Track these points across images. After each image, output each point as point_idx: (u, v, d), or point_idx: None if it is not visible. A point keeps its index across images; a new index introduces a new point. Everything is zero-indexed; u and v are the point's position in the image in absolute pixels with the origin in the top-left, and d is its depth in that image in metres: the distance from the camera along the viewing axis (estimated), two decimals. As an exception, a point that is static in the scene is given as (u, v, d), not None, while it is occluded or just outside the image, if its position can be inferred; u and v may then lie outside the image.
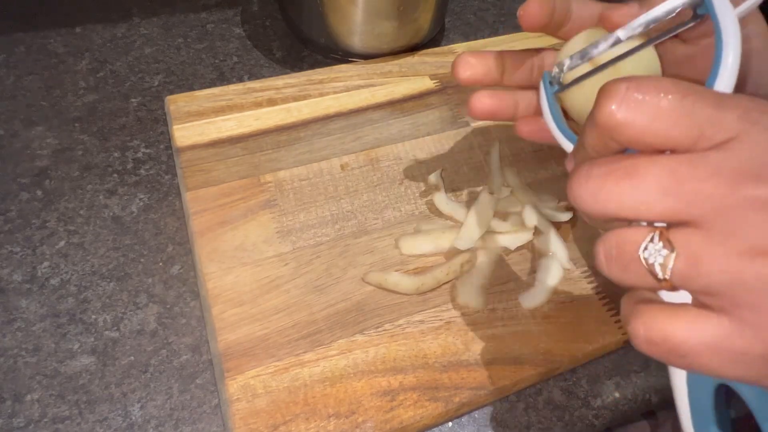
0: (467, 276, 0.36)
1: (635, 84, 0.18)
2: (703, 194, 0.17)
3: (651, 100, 0.18)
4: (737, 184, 0.17)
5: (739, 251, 0.17)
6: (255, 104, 0.44)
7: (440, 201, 0.40)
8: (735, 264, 0.17)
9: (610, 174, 0.18)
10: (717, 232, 0.17)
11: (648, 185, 0.18)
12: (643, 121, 0.18)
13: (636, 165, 0.18)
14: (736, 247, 0.17)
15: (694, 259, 0.17)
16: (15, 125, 0.43)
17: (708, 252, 0.17)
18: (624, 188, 0.18)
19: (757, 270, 0.16)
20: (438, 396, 0.31)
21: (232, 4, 0.55)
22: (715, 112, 0.17)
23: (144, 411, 0.31)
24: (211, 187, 0.38)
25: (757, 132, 0.17)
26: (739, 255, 0.17)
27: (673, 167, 0.18)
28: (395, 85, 0.47)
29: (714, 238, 0.17)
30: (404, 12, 0.47)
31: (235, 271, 0.35)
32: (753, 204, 0.17)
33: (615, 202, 0.18)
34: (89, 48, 0.49)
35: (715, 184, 0.17)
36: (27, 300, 0.34)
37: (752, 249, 0.17)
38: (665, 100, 0.18)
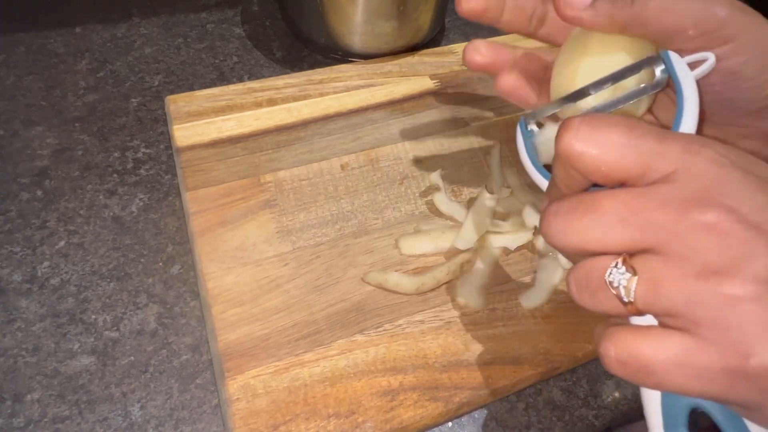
0: (467, 276, 0.36)
1: (587, 119, 0.20)
2: (656, 223, 0.19)
3: (601, 133, 0.20)
4: (684, 212, 0.18)
5: (694, 273, 0.18)
6: (255, 104, 0.44)
7: (440, 201, 0.40)
8: (691, 285, 0.18)
9: (573, 210, 0.20)
10: (672, 256, 0.18)
11: (607, 218, 0.19)
12: (595, 152, 0.20)
13: (596, 200, 0.20)
14: (690, 269, 0.18)
15: (654, 282, 0.19)
16: (15, 125, 0.43)
17: (666, 275, 0.18)
18: (587, 223, 0.20)
19: (711, 289, 0.18)
20: (438, 396, 0.31)
21: (232, 4, 0.55)
22: (658, 145, 0.19)
23: (144, 411, 0.31)
24: (211, 187, 0.38)
25: (698, 163, 0.19)
26: (694, 276, 0.18)
27: (628, 200, 0.19)
28: (395, 85, 0.47)
29: (670, 262, 0.18)
30: (404, 12, 0.47)
31: (235, 271, 0.35)
32: (700, 228, 0.18)
33: (580, 236, 0.20)
34: (89, 48, 0.49)
35: (665, 213, 0.19)
36: (27, 300, 0.34)
37: (704, 270, 0.18)
38: (613, 133, 0.20)
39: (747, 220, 0.18)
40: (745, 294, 0.17)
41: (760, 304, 0.17)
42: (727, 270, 0.18)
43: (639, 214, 0.19)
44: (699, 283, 0.18)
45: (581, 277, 0.20)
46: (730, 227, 0.18)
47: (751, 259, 0.17)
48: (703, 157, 0.19)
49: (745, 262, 0.17)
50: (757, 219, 0.18)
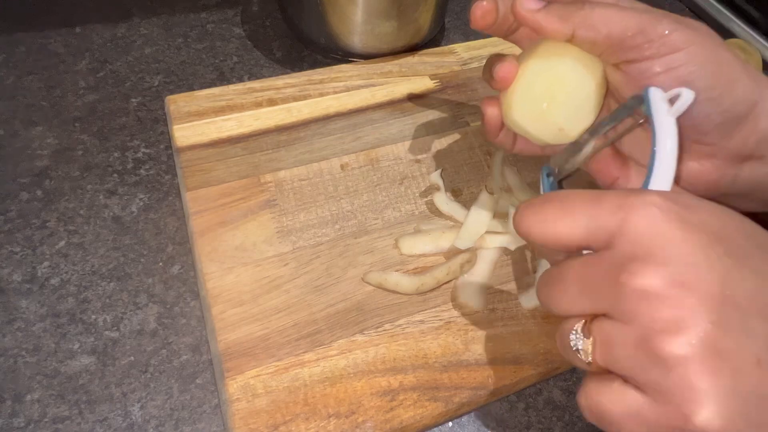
0: (467, 276, 0.36)
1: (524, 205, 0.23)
2: (602, 291, 0.20)
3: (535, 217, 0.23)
4: (620, 280, 0.19)
5: (636, 337, 0.19)
6: (255, 104, 0.44)
7: (440, 201, 0.40)
8: (633, 348, 0.19)
9: (548, 282, 0.23)
10: (620, 321, 0.20)
11: (569, 289, 0.22)
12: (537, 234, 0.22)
13: (560, 272, 0.22)
14: (633, 333, 0.19)
15: (607, 345, 0.20)
16: (15, 125, 0.43)
17: (615, 338, 0.20)
18: (557, 293, 0.22)
19: (650, 353, 0.19)
20: (438, 396, 0.31)
21: (232, 4, 0.55)
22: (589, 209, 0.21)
23: (144, 411, 0.31)
24: (211, 187, 0.38)
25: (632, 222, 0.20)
26: (636, 341, 0.19)
27: (580, 270, 0.21)
28: (395, 85, 0.47)
29: (619, 326, 0.20)
30: (404, 12, 0.47)
31: (235, 271, 0.35)
32: (635, 294, 0.19)
33: (555, 305, 0.22)
34: (89, 48, 0.49)
35: (606, 282, 0.20)
36: (27, 300, 0.34)
37: (644, 335, 0.19)
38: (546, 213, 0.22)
39: (677, 281, 0.19)
40: (678, 357, 0.18)
41: (693, 366, 0.18)
42: (662, 333, 0.18)
43: (589, 284, 0.21)
44: (640, 346, 0.19)
45: (558, 337, 0.23)
46: (660, 290, 0.19)
47: (682, 321, 0.18)
48: (636, 215, 0.20)
49: (677, 326, 0.18)
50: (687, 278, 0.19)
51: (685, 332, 0.18)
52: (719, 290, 0.19)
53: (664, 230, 0.20)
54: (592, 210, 0.21)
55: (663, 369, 0.18)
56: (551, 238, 0.22)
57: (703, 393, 0.18)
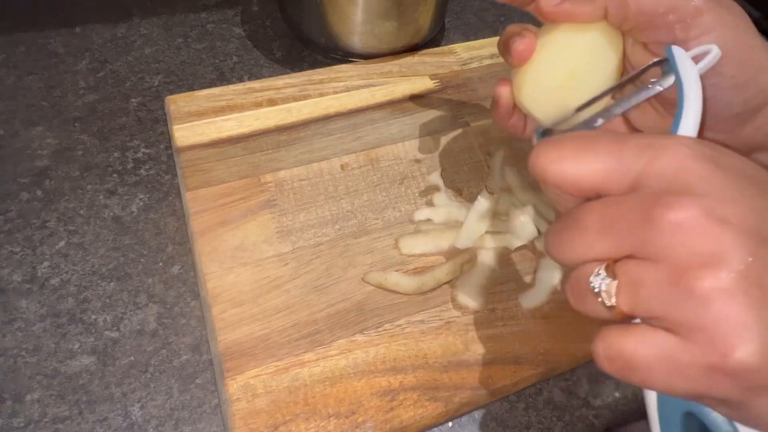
0: (467, 276, 0.36)
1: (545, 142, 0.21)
2: (629, 230, 0.19)
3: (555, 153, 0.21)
4: (651, 214, 0.19)
5: (668, 274, 0.18)
6: (255, 104, 0.44)
7: (440, 201, 0.40)
8: (667, 286, 0.18)
9: (562, 229, 0.21)
10: (649, 259, 0.19)
11: (588, 232, 0.20)
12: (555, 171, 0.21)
13: (577, 216, 0.21)
14: (665, 270, 0.18)
15: (634, 286, 0.19)
16: (15, 125, 0.43)
17: (644, 278, 0.19)
18: (573, 238, 0.21)
19: (685, 289, 0.18)
20: (438, 396, 0.31)
21: (232, 4, 0.55)
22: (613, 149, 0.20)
23: (144, 411, 0.31)
24: (211, 187, 0.38)
25: (660, 161, 0.19)
26: (669, 277, 0.18)
27: (601, 211, 0.20)
28: (395, 85, 0.47)
29: (647, 265, 0.19)
30: (404, 12, 0.47)
31: (235, 271, 0.35)
32: (669, 228, 0.18)
33: (570, 252, 0.21)
34: (89, 48, 0.49)
35: (634, 219, 0.19)
36: (27, 300, 0.34)
37: (678, 270, 0.18)
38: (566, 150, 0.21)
39: (714, 214, 0.18)
40: (718, 291, 0.17)
41: (734, 300, 0.17)
42: (699, 268, 0.18)
43: (613, 224, 0.19)
44: (674, 283, 0.18)
45: (572, 283, 0.21)
46: (697, 223, 0.18)
47: (721, 254, 0.17)
48: (665, 154, 0.19)
49: (716, 259, 0.17)
50: (724, 212, 0.18)
51: (725, 266, 0.17)
52: (758, 226, 0.18)
53: (698, 168, 0.19)
54: (617, 149, 0.20)
55: (701, 305, 0.17)
56: (569, 178, 0.21)
57: (745, 327, 0.17)
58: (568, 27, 0.28)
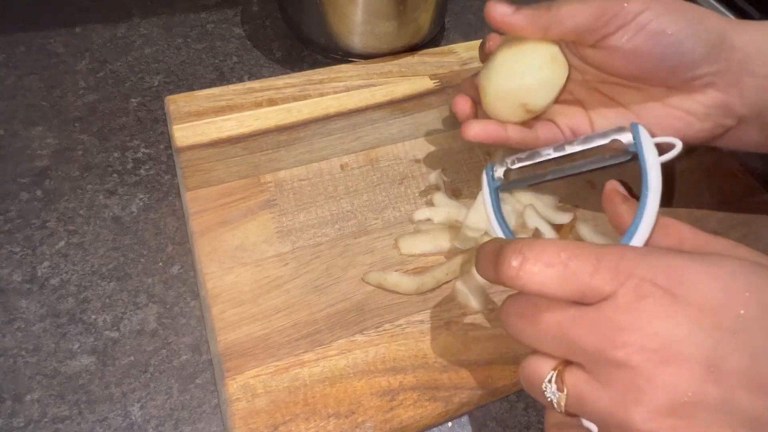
0: (467, 276, 0.36)
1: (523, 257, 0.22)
2: (581, 348, 0.21)
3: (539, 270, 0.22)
4: (602, 345, 0.21)
5: (608, 398, 0.21)
6: (255, 104, 0.44)
7: (440, 201, 0.40)
8: (606, 408, 0.21)
9: (521, 317, 0.24)
10: (595, 378, 0.21)
11: (544, 334, 0.23)
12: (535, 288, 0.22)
13: (538, 313, 0.23)
14: (605, 393, 0.21)
15: (580, 399, 0.22)
16: (15, 125, 0.43)
17: (588, 395, 0.21)
18: (530, 331, 0.23)
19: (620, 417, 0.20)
20: (438, 396, 0.31)
21: (232, 4, 0.55)
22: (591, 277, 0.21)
23: (144, 411, 0.31)
24: (211, 187, 0.38)
25: (624, 292, 0.21)
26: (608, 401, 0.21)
27: (561, 321, 0.22)
28: (395, 85, 0.47)
29: (593, 384, 0.21)
30: (404, 12, 0.47)
31: (235, 271, 0.35)
32: (613, 363, 0.20)
33: (524, 339, 0.24)
34: (89, 48, 0.49)
35: (589, 342, 0.21)
36: (27, 300, 0.34)
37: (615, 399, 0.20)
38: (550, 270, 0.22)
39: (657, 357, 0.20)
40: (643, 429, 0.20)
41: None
42: (632, 403, 0.20)
43: (568, 337, 0.22)
44: (612, 409, 0.20)
45: (527, 375, 0.24)
46: (636, 365, 0.20)
47: (654, 393, 0.20)
48: (628, 286, 0.21)
49: (647, 397, 0.20)
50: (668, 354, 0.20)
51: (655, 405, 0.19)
52: (703, 364, 0.19)
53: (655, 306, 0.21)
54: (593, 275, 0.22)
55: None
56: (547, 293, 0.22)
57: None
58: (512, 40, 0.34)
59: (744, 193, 0.43)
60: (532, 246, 0.22)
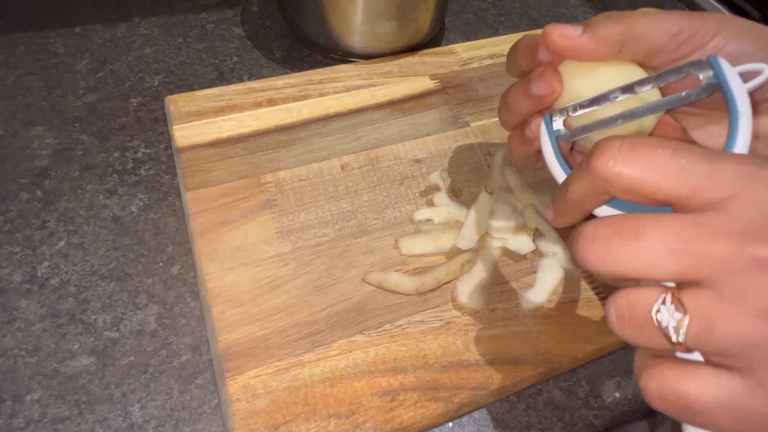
0: (467, 276, 0.36)
1: (629, 141, 0.19)
2: (711, 256, 0.17)
3: (644, 154, 0.19)
4: (743, 246, 0.17)
5: (753, 312, 0.17)
6: (255, 104, 0.44)
7: (440, 201, 0.40)
8: (749, 326, 0.17)
9: (615, 235, 0.19)
10: (728, 293, 0.17)
11: (655, 246, 0.18)
12: (638, 173, 0.19)
13: (641, 226, 0.18)
14: (749, 308, 0.17)
15: (708, 322, 0.17)
16: (15, 125, 0.43)
17: (721, 314, 0.17)
18: (631, 249, 0.18)
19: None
20: (438, 396, 0.31)
21: (232, 4, 0.55)
22: (707, 168, 0.18)
23: (144, 411, 0.31)
24: (211, 187, 0.38)
25: (756, 189, 0.18)
26: (753, 316, 0.17)
27: (678, 228, 0.18)
28: (395, 85, 0.47)
29: (726, 299, 0.17)
30: (404, 12, 0.47)
31: (235, 271, 0.35)
32: (761, 265, 0.17)
33: (623, 264, 0.18)
34: (89, 48, 0.49)
35: (722, 246, 0.17)
36: (27, 300, 0.34)
37: (764, 311, 0.17)
38: (658, 154, 0.19)
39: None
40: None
41: None
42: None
43: (692, 245, 0.18)
44: (758, 324, 0.17)
45: (623, 310, 0.19)
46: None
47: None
48: (761, 182, 0.18)
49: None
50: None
51: None
52: None
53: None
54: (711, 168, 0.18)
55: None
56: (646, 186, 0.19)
57: None
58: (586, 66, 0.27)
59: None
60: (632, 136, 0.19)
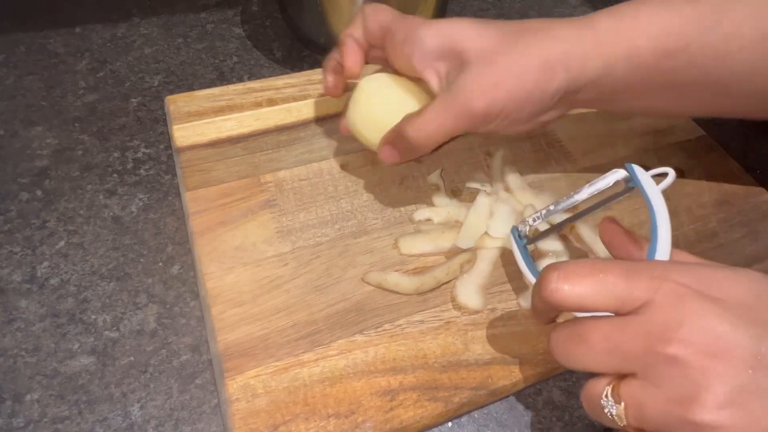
0: (467, 276, 0.36)
1: (563, 272, 0.24)
2: (631, 354, 0.22)
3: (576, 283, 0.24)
4: (652, 345, 0.22)
5: (665, 399, 0.21)
6: (255, 104, 0.44)
7: (440, 201, 0.40)
8: (665, 410, 0.21)
9: (569, 340, 0.25)
10: (649, 383, 0.22)
11: (595, 349, 0.23)
12: (574, 301, 0.24)
13: (585, 332, 0.24)
14: (663, 395, 0.21)
15: (638, 407, 0.22)
16: (15, 125, 0.43)
17: (646, 400, 0.22)
18: (580, 352, 0.24)
19: (680, 416, 0.21)
20: (438, 396, 0.31)
21: (232, 4, 0.55)
22: (626, 285, 0.23)
23: (144, 411, 0.31)
24: (211, 187, 0.38)
25: (663, 296, 0.22)
26: (666, 402, 0.21)
27: (608, 332, 0.23)
28: (395, 85, 0.47)
29: (648, 388, 0.22)
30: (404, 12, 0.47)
31: (235, 271, 0.35)
32: (665, 360, 0.21)
33: (578, 363, 0.24)
34: (89, 48, 0.49)
35: (636, 346, 0.22)
36: (27, 300, 0.34)
37: (673, 398, 0.21)
38: (587, 282, 0.24)
39: (704, 350, 0.21)
40: (706, 421, 0.20)
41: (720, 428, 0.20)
42: (691, 398, 0.21)
43: (618, 347, 0.23)
44: (671, 408, 0.21)
45: (587, 400, 0.25)
46: (690, 359, 0.21)
47: (710, 387, 0.20)
48: (665, 291, 0.22)
49: (705, 391, 0.20)
50: (715, 347, 0.21)
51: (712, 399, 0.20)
52: (748, 354, 0.21)
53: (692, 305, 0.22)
54: (627, 285, 0.23)
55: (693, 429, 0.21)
56: (583, 306, 0.24)
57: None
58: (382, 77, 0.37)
59: (744, 193, 0.43)
60: (566, 263, 0.25)
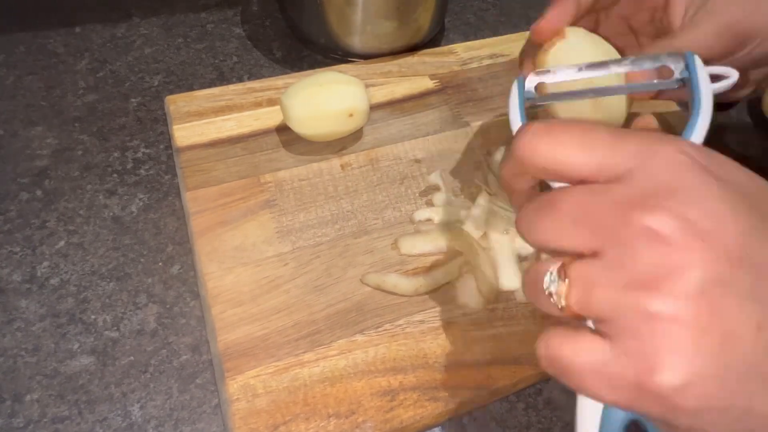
0: (467, 276, 0.36)
1: (546, 124, 0.21)
2: (603, 224, 0.18)
3: (555, 134, 0.20)
4: (630, 213, 0.18)
5: (624, 282, 0.17)
6: (255, 104, 0.44)
7: (440, 201, 0.40)
8: (619, 294, 0.18)
9: (537, 209, 0.20)
10: (611, 262, 0.18)
11: (562, 219, 0.19)
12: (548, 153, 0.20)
13: (554, 200, 0.20)
14: (622, 278, 0.18)
15: (587, 289, 0.18)
16: (15, 125, 0.43)
17: (599, 282, 0.18)
18: (546, 222, 0.20)
19: (636, 301, 0.17)
20: (438, 396, 0.31)
21: (232, 4, 0.55)
22: (611, 144, 0.19)
23: (144, 411, 0.31)
24: (211, 187, 0.38)
25: (655, 162, 0.18)
26: (624, 286, 0.17)
27: (581, 200, 0.19)
28: (395, 85, 0.47)
29: (607, 268, 0.18)
30: (404, 12, 0.47)
31: (235, 271, 0.35)
32: (642, 233, 0.17)
33: (540, 235, 0.20)
34: (89, 48, 0.49)
35: (612, 214, 0.18)
36: (27, 300, 0.34)
37: (634, 281, 0.17)
38: (567, 133, 0.20)
39: (692, 228, 0.17)
40: (665, 311, 0.17)
41: (679, 324, 0.17)
42: (657, 283, 0.17)
43: (589, 216, 0.19)
44: (627, 293, 0.17)
45: (529, 280, 0.21)
46: (672, 234, 0.17)
47: (684, 272, 0.17)
48: (661, 156, 0.18)
49: (677, 276, 0.17)
50: (704, 227, 0.17)
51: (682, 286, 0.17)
52: (738, 245, 0.17)
53: (691, 176, 0.18)
54: (616, 143, 0.19)
55: (645, 320, 0.17)
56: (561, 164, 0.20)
57: (677, 352, 0.17)
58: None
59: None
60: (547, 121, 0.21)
